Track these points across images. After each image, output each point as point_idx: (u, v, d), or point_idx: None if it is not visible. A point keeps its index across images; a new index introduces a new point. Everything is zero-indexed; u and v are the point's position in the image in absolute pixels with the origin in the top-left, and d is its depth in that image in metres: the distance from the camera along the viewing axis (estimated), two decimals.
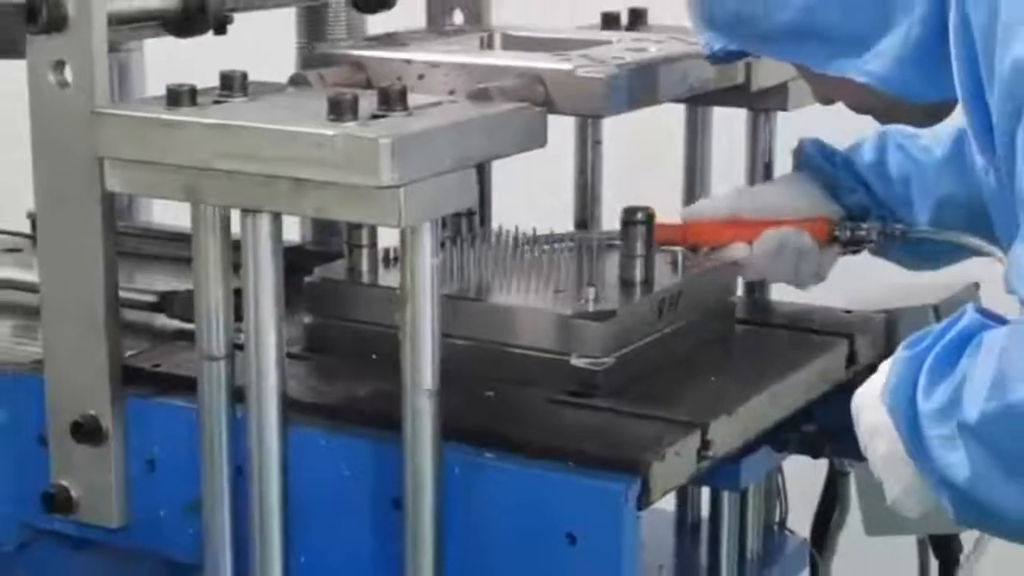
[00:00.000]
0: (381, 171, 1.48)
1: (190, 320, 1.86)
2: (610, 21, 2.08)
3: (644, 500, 1.59)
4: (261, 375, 1.62)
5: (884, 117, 1.77)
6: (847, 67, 1.62)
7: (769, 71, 1.96)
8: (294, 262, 1.72)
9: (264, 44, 2.09)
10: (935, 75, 1.56)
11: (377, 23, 2.21)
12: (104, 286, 1.75)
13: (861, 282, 2.07)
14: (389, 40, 1.97)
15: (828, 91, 1.74)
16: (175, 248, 2.09)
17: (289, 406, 1.65)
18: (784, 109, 2.04)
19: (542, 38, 1.96)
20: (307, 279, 1.90)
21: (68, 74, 1.71)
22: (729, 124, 2.12)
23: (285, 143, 1.53)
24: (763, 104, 2.03)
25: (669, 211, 2.00)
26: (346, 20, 2.27)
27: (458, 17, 2.21)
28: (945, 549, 2.13)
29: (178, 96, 1.62)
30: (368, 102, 1.57)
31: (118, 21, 1.76)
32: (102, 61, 1.70)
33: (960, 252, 1.94)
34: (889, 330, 1.98)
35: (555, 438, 1.64)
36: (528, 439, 1.64)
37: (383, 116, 1.55)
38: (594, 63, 1.74)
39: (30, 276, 1.96)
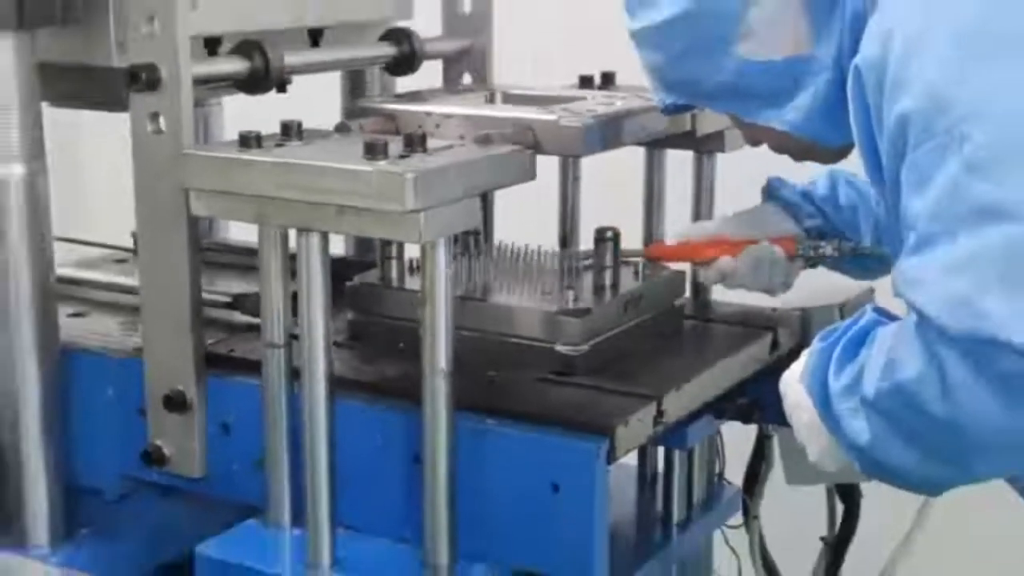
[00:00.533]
0: (406, 199, 1.48)
1: (256, 316, 1.87)
2: (585, 82, 2.07)
3: (612, 456, 1.59)
4: (312, 359, 1.62)
5: (799, 156, 1.74)
6: (770, 117, 1.61)
7: (710, 121, 1.95)
8: (339, 271, 1.72)
9: (315, 99, 2.07)
10: (839, 124, 1.54)
11: (405, 83, 2.21)
12: (190, 289, 1.75)
13: None
14: (413, 97, 1.97)
15: (755, 136, 1.72)
16: (244, 259, 2.08)
17: (335, 384, 1.64)
18: (722, 151, 2.04)
19: (533, 95, 1.96)
20: (348, 284, 1.89)
21: (161, 123, 1.71)
22: (682, 164, 2.11)
23: (331, 177, 1.53)
24: (706, 147, 2.03)
25: (632, 231, 1.99)
26: (380, 81, 2.26)
27: (467, 79, 2.20)
28: (848, 495, 2.13)
29: (248, 140, 1.62)
30: (396, 145, 1.57)
31: (201, 82, 1.75)
32: (188, 113, 1.70)
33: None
34: (804, 324, 1.97)
35: (543, 409, 1.63)
36: (522, 410, 1.63)
37: (407, 156, 1.55)
38: (573, 115, 1.74)
39: (132, 281, 1.96)
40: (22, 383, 1.83)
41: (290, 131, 1.66)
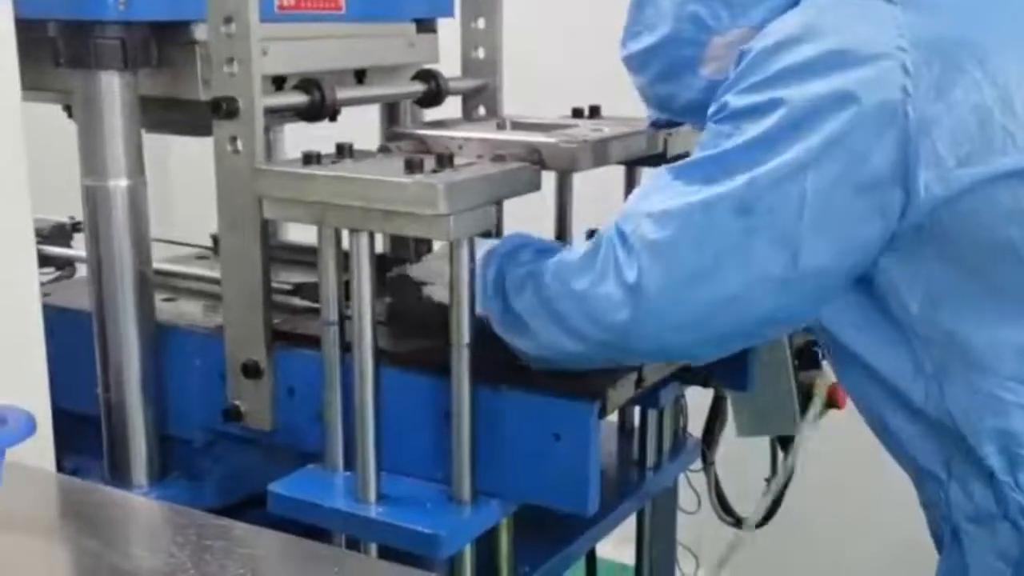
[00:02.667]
0: (439, 205, 1.47)
1: (313, 301, 1.87)
2: (577, 113, 2.06)
3: (603, 413, 1.58)
4: (362, 335, 1.60)
5: None
6: None
7: (678, 142, 1.93)
8: (381, 265, 1.70)
9: (359, 126, 2.05)
10: None
11: (431, 113, 2.20)
12: (262, 278, 1.74)
13: None
14: (439, 125, 1.95)
15: None
16: (301, 256, 2.07)
17: (379, 355, 1.63)
18: None
19: (535, 123, 1.93)
20: (388, 275, 1.87)
21: (238, 145, 1.69)
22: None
23: (379, 188, 1.51)
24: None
25: None
26: (411, 112, 2.25)
27: (481, 110, 2.19)
28: (786, 444, 2.12)
29: (310, 158, 1.60)
30: (430, 163, 1.55)
31: (270, 112, 1.74)
32: (260, 137, 1.68)
33: None
34: None
35: (548, 376, 1.62)
36: (531, 376, 1.62)
37: (439, 171, 1.54)
38: (570, 139, 1.72)
39: (212, 273, 1.96)
40: (127, 355, 1.82)
41: (343, 151, 1.65)
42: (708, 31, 1.53)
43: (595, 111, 2.08)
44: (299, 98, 1.82)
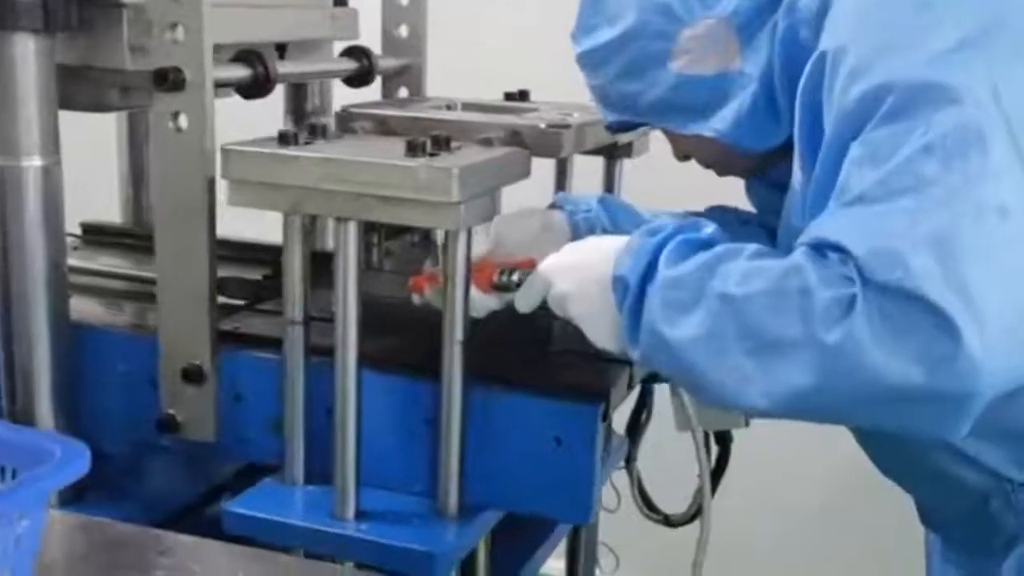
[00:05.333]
0: (452, 192, 1.32)
1: (243, 297, 1.68)
2: (510, 96, 1.92)
3: (606, 414, 1.47)
4: (346, 336, 1.43)
5: (721, 171, 1.58)
6: (700, 127, 1.45)
7: (628, 135, 1.83)
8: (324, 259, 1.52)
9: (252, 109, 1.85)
10: (761, 133, 1.42)
11: (341, 96, 2.01)
12: (209, 274, 1.53)
13: None
14: (396, 104, 1.79)
15: (684, 149, 1.55)
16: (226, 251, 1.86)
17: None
18: (630, 157, 1.93)
19: (491, 105, 1.80)
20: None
21: (182, 122, 1.49)
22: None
23: (381, 172, 1.35)
24: (619, 154, 1.92)
25: None
26: (319, 94, 2.06)
27: (403, 92, 2.03)
28: (721, 440, 2.06)
29: (286, 138, 1.42)
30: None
31: (215, 86, 1.54)
32: (211, 113, 1.49)
33: None
34: None
35: (548, 376, 1.50)
36: (528, 376, 1.50)
37: (437, 155, 1.39)
38: (553, 122, 1.60)
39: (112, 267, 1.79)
40: (38, 359, 1.57)
41: (316, 131, 1.47)
42: (678, 22, 1.41)
43: (524, 95, 1.96)
44: (242, 72, 1.62)
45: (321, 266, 1.49)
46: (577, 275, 1.35)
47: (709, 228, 1.31)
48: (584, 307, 1.34)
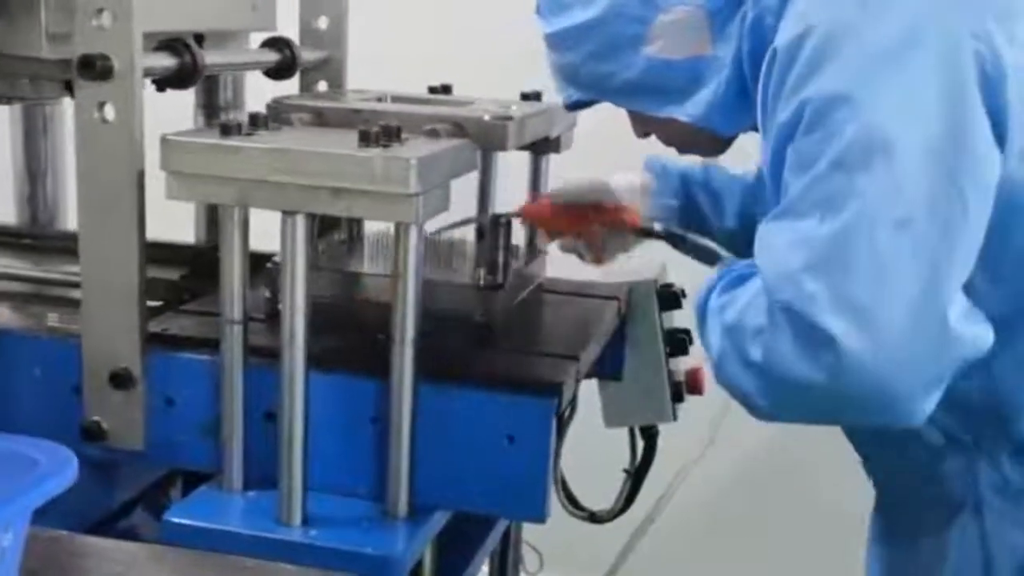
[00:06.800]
0: (410, 183, 1.28)
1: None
2: (434, 90, 1.89)
3: (559, 409, 1.45)
4: (293, 334, 1.38)
5: (684, 149, 1.61)
6: (674, 111, 1.47)
7: (556, 129, 1.82)
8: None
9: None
10: (733, 116, 1.46)
11: (256, 89, 1.94)
12: (138, 273, 1.46)
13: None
14: (328, 96, 1.74)
15: (648, 128, 1.58)
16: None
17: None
18: (558, 152, 1.91)
19: (423, 98, 1.77)
20: (267, 266, 1.63)
21: (107, 112, 1.41)
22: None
23: (335, 162, 1.30)
24: (548, 149, 1.89)
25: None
26: (231, 87, 1.99)
27: (322, 86, 1.97)
28: (648, 433, 2.06)
29: (229, 128, 1.36)
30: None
31: (144, 75, 1.46)
32: (140, 103, 1.41)
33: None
34: (629, 294, 1.87)
35: (494, 372, 1.48)
36: (474, 373, 1.47)
37: (388, 145, 1.35)
38: (496, 114, 1.57)
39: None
40: None
41: (257, 122, 1.41)
42: (654, 8, 1.44)
43: (447, 89, 1.93)
44: (169, 60, 1.55)
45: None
46: None
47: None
48: None
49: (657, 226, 1.73)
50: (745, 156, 1.66)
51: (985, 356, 1.25)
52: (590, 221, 1.74)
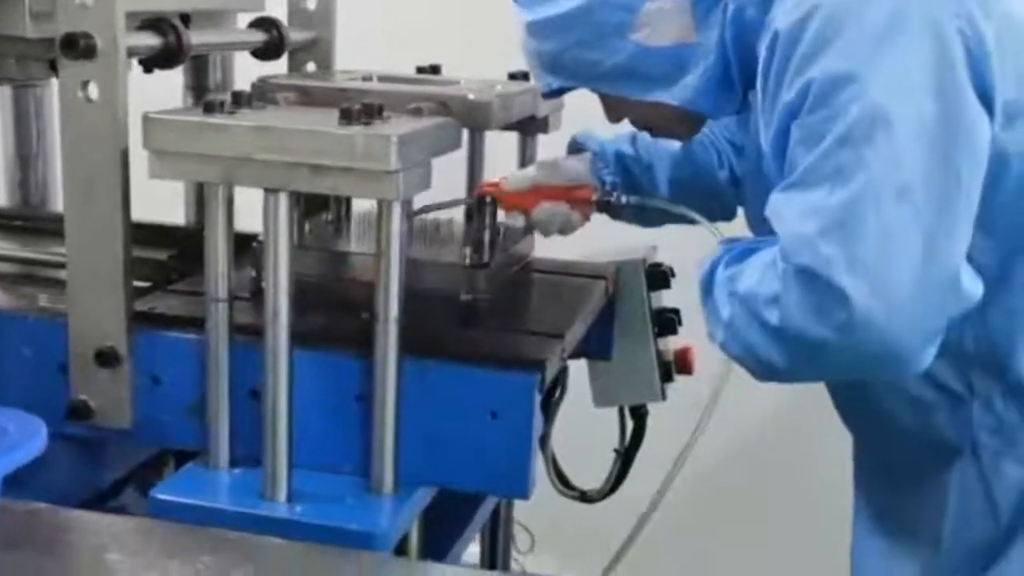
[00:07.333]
0: (391, 160, 1.29)
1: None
2: (422, 70, 1.89)
3: (542, 386, 1.46)
4: (277, 311, 1.39)
5: (657, 131, 1.66)
6: (662, 95, 1.51)
7: (544, 109, 1.83)
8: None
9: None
10: (718, 100, 1.51)
11: (245, 70, 1.95)
12: (123, 252, 1.47)
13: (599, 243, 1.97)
14: (315, 76, 1.74)
15: (624, 113, 1.60)
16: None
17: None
18: (546, 132, 1.92)
19: (410, 77, 1.77)
20: (253, 245, 1.64)
21: (91, 91, 1.42)
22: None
23: (316, 140, 1.31)
24: (535, 129, 1.90)
25: None
26: (221, 68, 1.99)
27: (311, 66, 1.98)
28: (638, 413, 2.07)
29: (212, 106, 1.36)
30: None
31: (128, 54, 1.47)
32: (124, 81, 1.42)
33: (670, 218, 1.80)
34: (616, 275, 1.88)
35: (478, 349, 1.48)
36: (457, 351, 1.47)
37: (370, 123, 1.35)
38: (480, 93, 1.58)
39: None
40: None
41: (240, 100, 1.42)
42: None
43: (435, 69, 1.93)
44: (153, 40, 1.55)
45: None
46: None
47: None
48: None
49: (622, 198, 1.77)
50: None
51: (978, 305, 1.32)
52: (545, 197, 1.75)
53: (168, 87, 2.00)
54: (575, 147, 1.89)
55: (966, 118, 1.29)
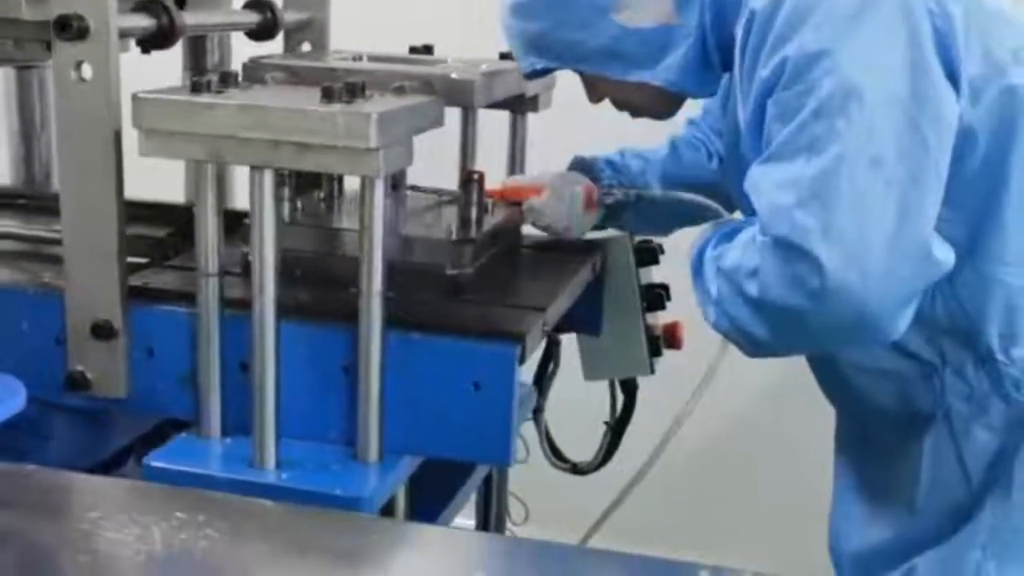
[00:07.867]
0: (371, 138, 1.33)
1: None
2: (414, 50, 1.93)
3: (523, 358, 1.50)
4: (263, 285, 1.43)
5: (637, 112, 1.68)
6: (646, 76, 1.55)
7: (533, 88, 1.87)
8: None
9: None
10: (700, 79, 1.55)
11: (240, 51, 1.99)
12: (117, 227, 1.51)
13: None
14: (306, 56, 1.78)
15: (605, 93, 1.65)
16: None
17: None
18: (536, 111, 1.96)
19: (399, 57, 1.81)
20: (245, 221, 1.68)
21: (84, 72, 1.47)
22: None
23: (298, 118, 1.35)
24: (525, 108, 1.94)
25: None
26: (219, 48, 2.03)
27: (306, 47, 2.02)
28: (628, 387, 2.11)
29: (199, 86, 1.41)
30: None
31: (120, 35, 1.51)
32: (116, 62, 1.46)
33: (677, 220, 1.88)
34: (604, 252, 1.92)
35: (461, 321, 1.52)
36: (440, 323, 1.51)
37: (351, 101, 1.39)
38: (463, 72, 1.61)
39: None
40: None
41: (227, 80, 1.46)
42: None
43: (428, 49, 1.97)
44: (146, 21, 1.60)
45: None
46: None
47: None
48: None
49: (625, 194, 1.84)
50: None
51: (948, 276, 1.38)
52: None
53: (175, 69, 2.06)
54: (577, 165, 1.93)
55: (935, 93, 1.34)
